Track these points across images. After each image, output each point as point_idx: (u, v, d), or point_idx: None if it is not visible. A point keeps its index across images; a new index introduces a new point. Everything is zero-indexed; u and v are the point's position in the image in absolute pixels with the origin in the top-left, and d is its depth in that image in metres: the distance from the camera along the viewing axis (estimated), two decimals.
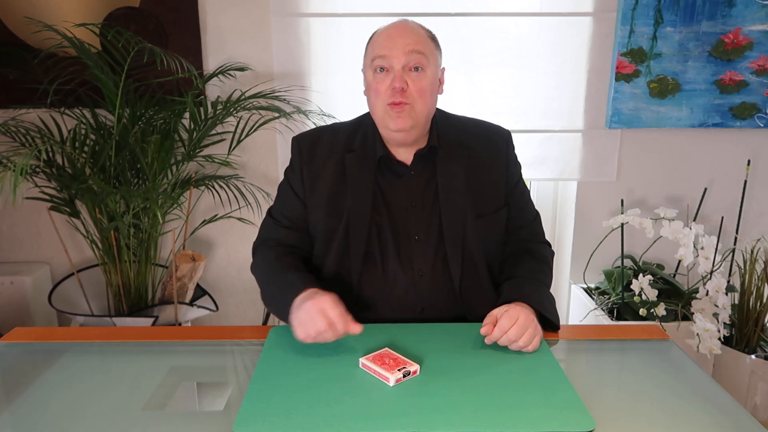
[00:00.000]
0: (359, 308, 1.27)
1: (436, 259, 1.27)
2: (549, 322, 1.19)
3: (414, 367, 1.01)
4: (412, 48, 1.19)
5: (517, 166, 1.37)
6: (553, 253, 1.39)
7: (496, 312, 1.13)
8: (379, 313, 1.26)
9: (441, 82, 1.29)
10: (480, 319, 1.24)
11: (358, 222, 1.25)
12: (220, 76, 2.11)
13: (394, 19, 1.27)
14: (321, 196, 1.29)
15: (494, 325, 1.10)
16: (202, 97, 2.14)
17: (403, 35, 1.21)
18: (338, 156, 1.29)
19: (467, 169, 1.29)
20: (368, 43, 1.27)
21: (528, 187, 1.43)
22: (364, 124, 1.33)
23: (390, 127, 1.22)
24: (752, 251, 1.92)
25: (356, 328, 1.07)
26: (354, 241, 1.26)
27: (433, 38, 1.26)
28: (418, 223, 1.27)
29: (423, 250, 1.27)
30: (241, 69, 2.15)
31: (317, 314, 1.05)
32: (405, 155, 1.29)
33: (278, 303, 1.18)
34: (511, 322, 1.08)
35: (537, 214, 1.40)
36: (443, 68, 1.30)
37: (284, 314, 1.15)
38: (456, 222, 1.26)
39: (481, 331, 1.10)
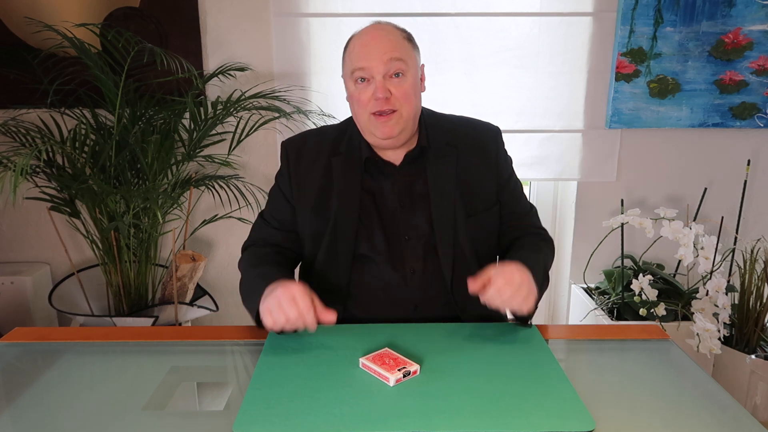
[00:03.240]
0: (350, 307, 1.28)
1: (426, 257, 1.27)
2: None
3: (414, 367, 1.01)
4: (390, 56, 1.18)
5: (508, 161, 1.36)
6: (552, 239, 1.38)
7: (491, 270, 1.10)
8: (371, 311, 1.27)
9: (422, 79, 1.28)
10: (473, 317, 1.24)
11: (345, 224, 1.26)
12: (220, 76, 2.11)
13: (371, 21, 1.26)
14: (308, 199, 1.30)
15: (485, 283, 1.08)
16: (202, 97, 2.14)
17: (379, 42, 1.19)
18: (325, 159, 1.30)
19: (456, 169, 1.28)
20: (345, 52, 1.26)
21: (525, 185, 1.42)
22: (351, 127, 1.32)
23: (377, 134, 1.22)
24: (752, 251, 1.92)
25: (329, 316, 1.06)
26: (342, 243, 1.27)
27: (409, 38, 1.25)
28: (407, 223, 1.27)
29: (414, 250, 1.27)
30: (241, 69, 2.15)
31: (288, 302, 1.04)
32: (394, 156, 1.29)
33: (251, 293, 1.18)
34: (505, 279, 1.07)
35: (532, 207, 1.40)
36: (422, 65, 1.28)
37: (255, 304, 1.15)
38: (447, 222, 1.26)
39: (469, 288, 1.09)
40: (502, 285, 1.07)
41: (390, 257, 1.27)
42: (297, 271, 1.40)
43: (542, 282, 1.21)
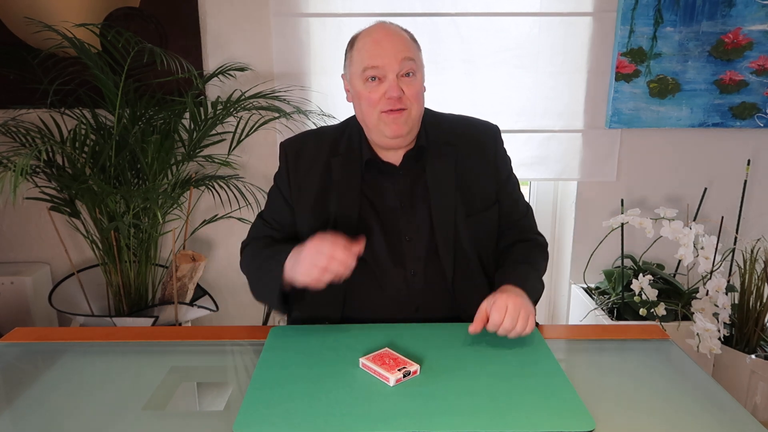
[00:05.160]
0: (351, 310, 1.27)
1: (428, 258, 1.27)
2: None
3: (414, 367, 1.01)
4: (404, 55, 1.19)
5: (507, 160, 1.36)
6: (546, 243, 1.40)
7: (485, 306, 1.11)
8: (373, 314, 1.26)
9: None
10: (474, 317, 1.25)
11: (344, 225, 1.26)
12: (220, 76, 2.11)
13: (375, 21, 1.26)
14: (307, 201, 1.30)
15: (483, 323, 1.09)
16: (202, 97, 2.14)
17: (392, 41, 1.20)
18: (324, 160, 1.30)
19: (456, 168, 1.29)
20: (351, 51, 1.25)
21: (525, 185, 1.42)
22: (350, 127, 1.33)
23: (387, 134, 1.22)
24: (752, 251, 1.92)
25: (358, 247, 1.10)
26: None
27: (415, 39, 1.25)
28: (408, 223, 1.27)
29: (414, 251, 1.27)
30: (241, 69, 2.15)
31: (316, 253, 1.08)
32: (393, 157, 1.29)
33: (269, 273, 1.19)
34: (501, 314, 1.08)
35: (528, 207, 1.41)
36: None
37: (276, 283, 1.16)
38: (447, 221, 1.26)
39: (469, 330, 1.10)
40: (498, 318, 1.07)
41: (391, 259, 1.26)
42: None
43: (539, 292, 1.25)
